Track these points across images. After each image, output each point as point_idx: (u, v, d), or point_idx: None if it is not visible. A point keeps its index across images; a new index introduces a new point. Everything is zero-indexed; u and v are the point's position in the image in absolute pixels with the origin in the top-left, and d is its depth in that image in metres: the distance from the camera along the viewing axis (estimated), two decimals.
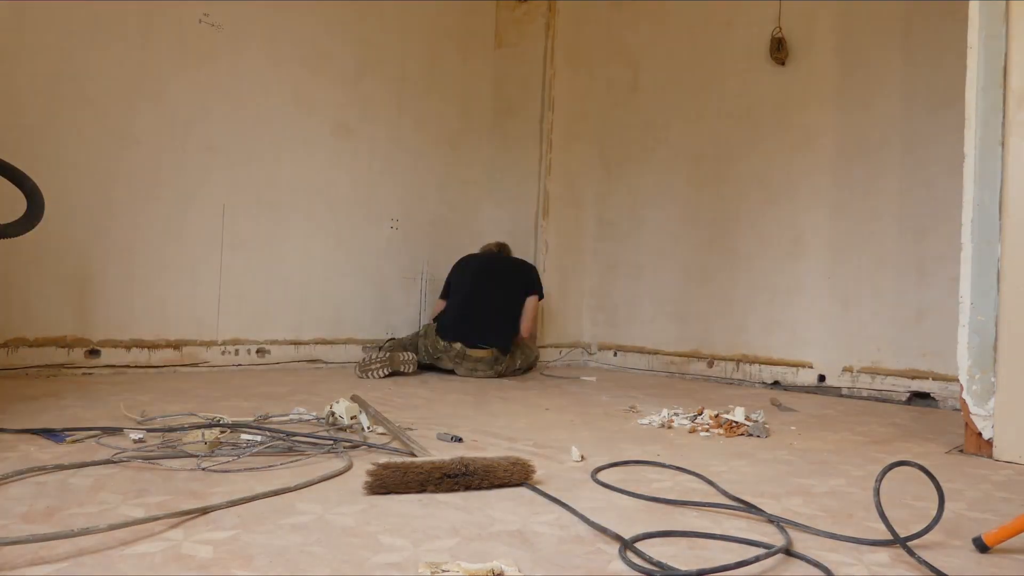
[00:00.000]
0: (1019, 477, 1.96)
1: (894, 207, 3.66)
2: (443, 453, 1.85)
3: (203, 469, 1.64)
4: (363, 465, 1.74)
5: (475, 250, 4.78)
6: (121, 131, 3.28)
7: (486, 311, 3.95)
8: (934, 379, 3.47)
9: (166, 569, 1.08)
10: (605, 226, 4.80)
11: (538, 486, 1.61)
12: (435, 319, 4.03)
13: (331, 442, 1.93)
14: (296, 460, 1.76)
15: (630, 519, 1.42)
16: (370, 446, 1.94)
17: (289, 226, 3.85)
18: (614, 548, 1.24)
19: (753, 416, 2.55)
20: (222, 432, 1.96)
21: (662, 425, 2.53)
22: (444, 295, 4.23)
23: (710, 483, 1.72)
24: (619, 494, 1.60)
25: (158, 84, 3.38)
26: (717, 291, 4.26)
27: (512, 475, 1.61)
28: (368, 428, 2.16)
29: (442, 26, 4.55)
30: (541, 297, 4.23)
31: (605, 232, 4.80)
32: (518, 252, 4.67)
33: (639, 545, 1.26)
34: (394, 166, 4.33)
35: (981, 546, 1.32)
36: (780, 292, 4.02)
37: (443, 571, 1.07)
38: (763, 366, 4.03)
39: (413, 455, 1.84)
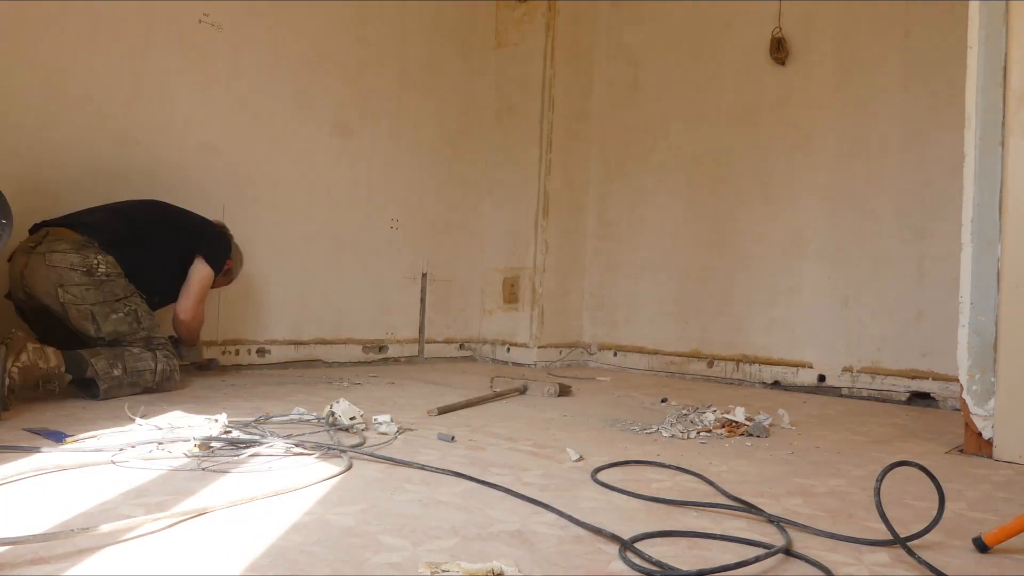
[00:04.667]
0: (1019, 477, 1.96)
1: (894, 207, 3.65)
2: (445, 455, 1.85)
3: (203, 469, 1.64)
4: (363, 465, 1.74)
5: (472, 249, 4.80)
6: (121, 131, 3.28)
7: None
8: (934, 379, 3.47)
9: (166, 569, 1.08)
10: (605, 226, 4.80)
11: (537, 486, 1.61)
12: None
13: (331, 442, 1.94)
14: (296, 460, 1.76)
15: (630, 519, 1.42)
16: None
17: (289, 226, 3.85)
18: (614, 548, 1.24)
19: (757, 417, 2.55)
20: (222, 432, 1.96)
21: None
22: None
23: (710, 483, 1.72)
24: (619, 494, 1.60)
25: (158, 84, 3.38)
26: (717, 291, 4.26)
27: None
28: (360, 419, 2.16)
29: (442, 26, 4.55)
30: (216, 268, 3.04)
31: (605, 232, 4.80)
32: (518, 251, 4.68)
33: (639, 545, 1.26)
34: (394, 166, 4.33)
35: (981, 546, 1.32)
36: (780, 292, 4.02)
37: (443, 571, 1.07)
38: (763, 366, 4.03)
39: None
